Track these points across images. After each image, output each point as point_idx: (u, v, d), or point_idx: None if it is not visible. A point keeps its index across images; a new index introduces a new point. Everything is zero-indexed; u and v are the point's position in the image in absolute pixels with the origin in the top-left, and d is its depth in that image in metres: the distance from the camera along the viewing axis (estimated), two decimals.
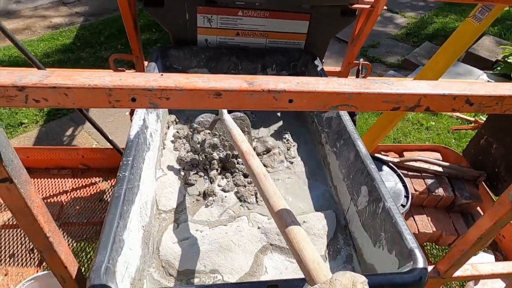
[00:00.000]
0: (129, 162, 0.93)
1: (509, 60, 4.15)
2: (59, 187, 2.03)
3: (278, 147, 1.32)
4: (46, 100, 0.48)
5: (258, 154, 1.29)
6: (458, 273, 1.07)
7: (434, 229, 1.93)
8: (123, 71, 1.75)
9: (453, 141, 3.46)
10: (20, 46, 1.38)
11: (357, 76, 1.81)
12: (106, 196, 2.05)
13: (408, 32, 5.59)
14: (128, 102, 0.49)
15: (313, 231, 1.02)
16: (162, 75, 0.50)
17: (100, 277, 0.69)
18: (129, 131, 1.03)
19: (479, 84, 0.58)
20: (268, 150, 1.28)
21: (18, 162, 0.59)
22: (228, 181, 1.19)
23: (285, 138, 1.39)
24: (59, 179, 2.07)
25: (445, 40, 1.81)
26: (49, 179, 2.05)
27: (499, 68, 4.30)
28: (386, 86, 0.55)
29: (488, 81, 4.03)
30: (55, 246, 0.72)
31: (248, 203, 1.13)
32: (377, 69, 4.54)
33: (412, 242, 0.81)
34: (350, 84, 0.54)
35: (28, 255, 1.73)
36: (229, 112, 1.23)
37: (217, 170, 1.20)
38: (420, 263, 0.77)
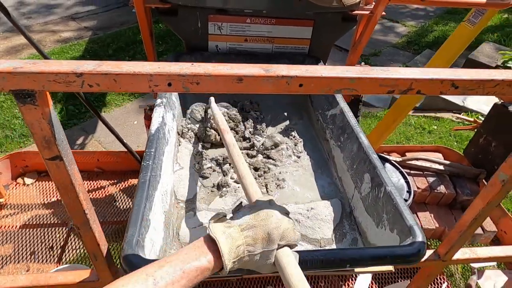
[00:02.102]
0: (152, 152, 1.02)
1: (508, 65, 4.24)
2: None
3: (286, 143, 1.42)
4: (98, 85, 0.57)
5: (266, 149, 1.38)
6: (458, 255, 1.14)
7: (437, 225, 1.99)
8: None
9: (455, 144, 3.54)
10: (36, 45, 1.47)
11: None
12: (121, 197, 2.13)
13: (409, 40, 5.72)
14: (165, 86, 0.59)
15: (320, 217, 1.10)
16: (192, 64, 0.60)
17: (132, 247, 0.77)
18: (150, 127, 1.13)
19: (463, 70, 0.67)
20: (276, 145, 1.37)
21: (67, 143, 0.68)
22: None
23: (291, 135, 1.48)
24: None
25: None
26: None
27: None
28: (383, 72, 0.64)
29: None
30: (91, 223, 0.81)
31: (262, 192, 1.21)
32: None
33: (411, 220, 0.89)
34: (351, 71, 0.63)
35: (48, 252, 1.81)
36: (216, 102, 1.47)
37: (230, 164, 1.29)
38: (419, 237, 0.85)
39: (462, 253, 1.15)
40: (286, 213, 0.77)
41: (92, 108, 1.72)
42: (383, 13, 1.62)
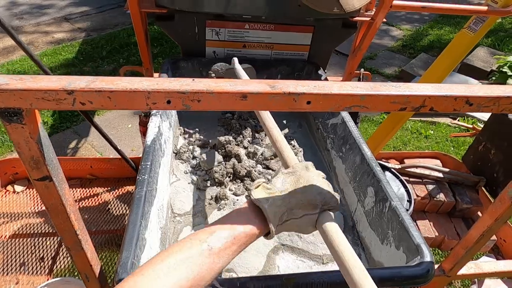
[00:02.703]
0: (148, 166, 0.97)
1: (504, 70, 4.26)
2: None
3: None
4: (91, 103, 0.53)
5: (265, 159, 1.34)
6: (463, 271, 1.11)
7: (437, 234, 1.97)
8: None
9: (452, 149, 3.53)
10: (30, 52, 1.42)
11: None
12: (114, 205, 2.08)
13: (404, 44, 5.73)
14: (163, 104, 0.55)
15: None
16: (193, 80, 0.56)
17: (127, 271, 0.73)
18: (146, 138, 1.08)
19: (477, 86, 0.64)
20: (276, 155, 1.34)
21: (57, 162, 0.64)
22: (238, 185, 1.24)
23: (291, 143, 1.44)
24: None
25: (441, 51, 1.88)
26: None
27: (494, 77, 4.40)
28: (394, 89, 0.60)
29: None
30: (83, 243, 0.77)
31: None
32: (375, 80, 4.64)
33: (418, 238, 0.86)
34: (362, 87, 0.60)
35: (38, 263, 1.75)
36: (240, 62, 1.43)
37: (229, 176, 1.25)
38: (427, 257, 0.82)
39: (467, 268, 1.13)
40: (323, 177, 0.80)
41: (85, 113, 1.67)
42: (384, 19, 1.59)
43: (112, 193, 2.13)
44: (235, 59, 1.41)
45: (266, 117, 1.00)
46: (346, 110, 0.61)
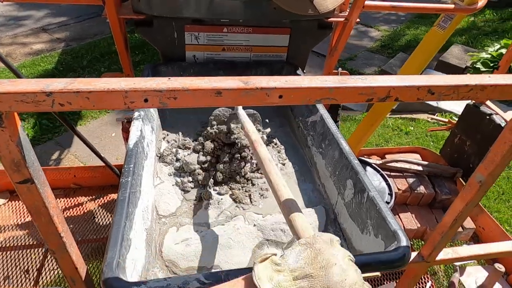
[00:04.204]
0: (131, 168, 0.99)
1: (477, 66, 4.42)
2: None
3: (272, 153, 1.41)
4: (70, 104, 0.55)
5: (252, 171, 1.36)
6: (440, 256, 1.16)
7: (419, 225, 2.03)
8: None
9: (432, 143, 3.63)
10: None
11: None
12: (99, 214, 2.07)
13: (383, 44, 5.88)
14: (141, 102, 0.57)
15: None
16: (169, 78, 0.58)
17: (112, 271, 0.74)
18: (128, 142, 1.10)
19: (438, 76, 0.68)
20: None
21: (38, 164, 0.65)
22: (222, 186, 1.26)
23: (273, 142, 1.47)
24: None
25: None
26: None
27: (469, 73, 4.56)
28: (361, 81, 0.64)
29: None
30: (67, 246, 0.77)
31: (243, 203, 1.20)
32: None
33: (395, 225, 0.90)
34: (330, 80, 0.63)
35: (23, 276, 1.72)
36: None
37: (212, 177, 1.27)
38: (403, 242, 0.86)
39: (445, 254, 1.17)
40: (351, 259, 0.61)
41: (67, 122, 1.66)
42: (358, 19, 1.65)
43: (97, 202, 2.12)
44: (239, 106, 1.34)
45: (273, 172, 0.87)
46: (317, 103, 0.64)
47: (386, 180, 1.85)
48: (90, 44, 5.35)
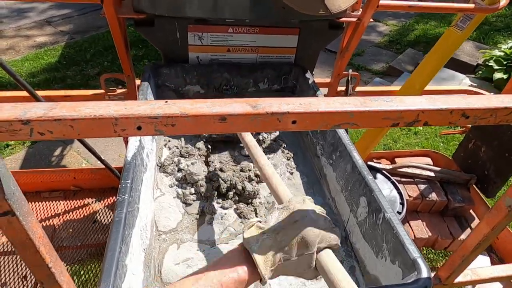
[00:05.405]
0: (128, 184, 0.92)
1: (490, 64, 4.28)
2: (51, 210, 1.99)
3: (280, 160, 1.33)
4: (51, 133, 0.47)
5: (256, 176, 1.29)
6: (459, 278, 1.08)
7: (430, 234, 1.95)
8: (114, 90, 1.74)
9: (441, 144, 3.53)
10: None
11: (347, 86, 1.84)
12: (100, 217, 2.01)
13: (391, 39, 5.73)
14: (134, 130, 0.49)
15: None
16: (166, 101, 0.51)
17: None
18: (126, 153, 1.02)
19: (474, 97, 0.60)
20: (274, 166, 1.29)
21: (20, 194, 0.58)
22: (226, 199, 1.19)
23: (282, 147, 1.40)
24: (50, 202, 2.02)
25: (427, 46, 1.86)
26: (40, 203, 2.01)
27: (480, 72, 4.43)
28: (386, 103, 0.56)
29: (471, 85, 4.14)
30: (57, 276, 0.71)
31: (248, 219, 1.13)
32: (363, 76, 4.62)
33: (414, 252, 0.82)
34: (350, 103, 0.55)
35: (21, 282, 1.68)
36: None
37: (216, 189, 1.20)
38: (424, 273, 0.78)
39: (464, 275, 1.10)
40: (322, 211, 0.72)
41: None
42: (371, 19, 1.55)
43: (98, 204, 2.06)
44: None
45: (258, 154, 0.96)
46: (335, 128, 0.57)
47: (397, 188, 1.77)
48: (93, 37, 5.28)
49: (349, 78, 1.79)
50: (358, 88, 1.91)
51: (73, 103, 0.49)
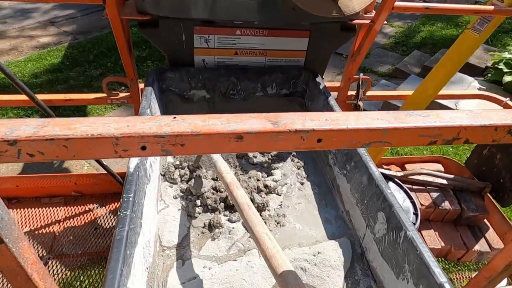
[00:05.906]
0: (130, 199, 0.85)
1: (499, 67, 4.19)
2: (51, 217, 1.93)
3: (291, 169, 1.27)
4: (42, 154, 0.41)
5: (265, 186, 1.23)
6: None
7: (443, 244, 1.88)
8: (117, 94, 1.68)
9: (451, 149, 3.46)
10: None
11: (358, 91, 1.77)
12: (101, 223, 1.95)
13: (397, 41, 5.65)
14: (137, 151, 0.43)
15: (329, 263, 0.96)
16: (175, 117, 0.44)
17: None
18: (128, 163, 0.96)
19: None
20: (284, 175, 1.23)
21: (9, 218, 0.52)
22: (233, 211, 1.13)
23: (292, 155, 1.33)
24: (50, 208, 1.97)
25: (433, 48, 1.79)
26: (40, 209, 1.95)
27: (489, 74, 4.34)
28: (422, 119, 0.50)
29: (480, 88, 4.06)
30: None
31: None
32: None
33: (441, 276, 0.75)
34: (383, 119, 0.49)
35: None
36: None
37: (223, 202, 1.13)
38: None
39: None
40: None
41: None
42: (385, 22, 1.49)
43: (100, 210, 2.00)
44: None
45: (252, 217, 0.84)
46: (365, 147, 0.50)
47: (410, 198, 1.70)
48: (97, 38, 5.23)
49: (360, 82, 1.72)
50: (367, 92, 1.84)
51: (67, 120, 0.42)
